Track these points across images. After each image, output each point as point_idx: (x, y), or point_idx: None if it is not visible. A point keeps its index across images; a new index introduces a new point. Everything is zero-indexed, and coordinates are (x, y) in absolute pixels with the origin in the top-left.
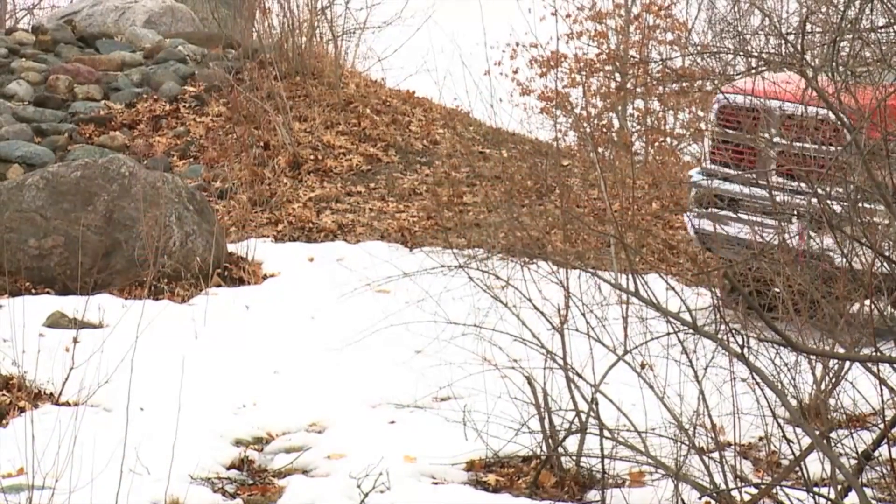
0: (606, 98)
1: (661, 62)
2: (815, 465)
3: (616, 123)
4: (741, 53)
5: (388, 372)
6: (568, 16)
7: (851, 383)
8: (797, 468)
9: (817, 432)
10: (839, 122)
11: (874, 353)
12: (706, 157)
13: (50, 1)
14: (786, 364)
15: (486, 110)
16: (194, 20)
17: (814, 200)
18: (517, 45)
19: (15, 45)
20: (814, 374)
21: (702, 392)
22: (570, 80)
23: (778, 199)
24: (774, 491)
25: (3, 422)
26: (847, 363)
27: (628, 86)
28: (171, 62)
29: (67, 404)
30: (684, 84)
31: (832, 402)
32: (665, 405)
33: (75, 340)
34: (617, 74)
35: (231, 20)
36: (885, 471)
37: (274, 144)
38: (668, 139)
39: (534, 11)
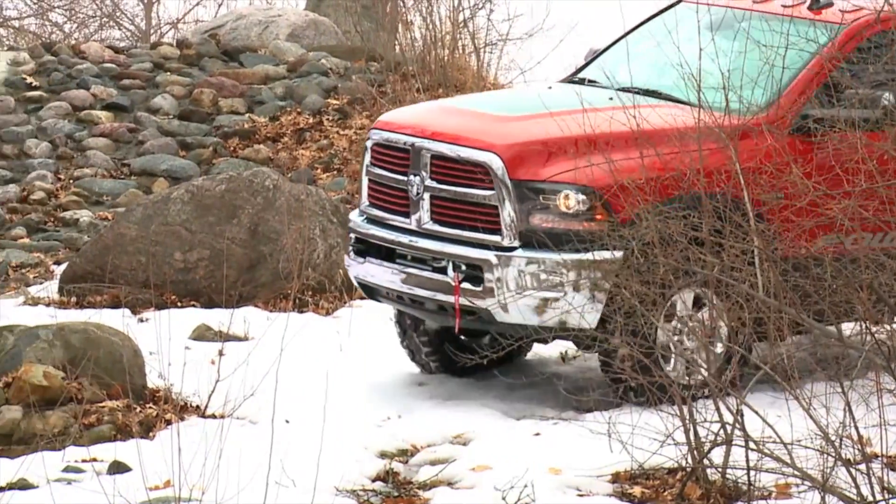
0: None
1: None
2: None
3: None
4: None
5: (532, 383)
6: None
7: None
8: None
9: None
10: None
11: None
12: (364, 198)
13: (194, 15)
14: None
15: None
16: (337, 33)
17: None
18: None
19: (160, 60)
20: None
21: (848, 404)
22: None
23: (433, 247)
24: None
25: (150, 434)
26: None
27: None
28: (314, 75)
29: (213, 417)
30: None
31: None
32: (811, 417)
33: (221, 353)
34: None
35: (373, 33)
36: None
37: None
38: None
39: None
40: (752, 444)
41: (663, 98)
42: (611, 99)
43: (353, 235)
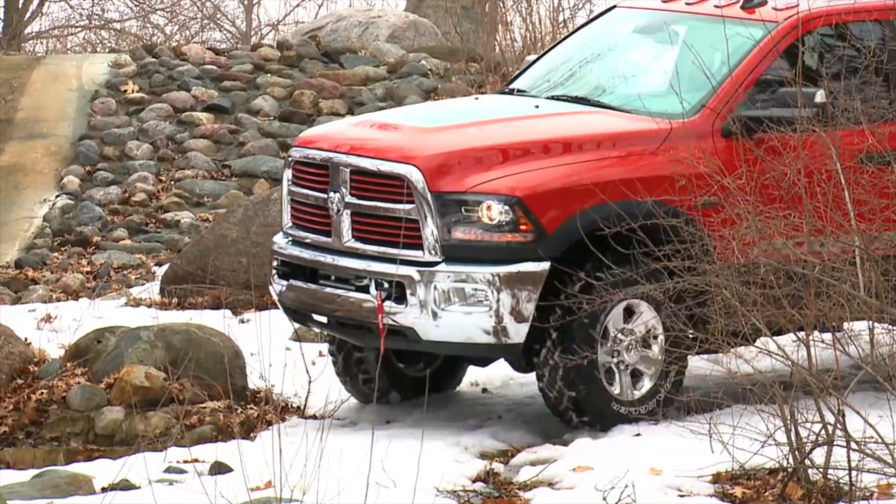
0: None
1: None
2: None
3: None
4: None
5: None
6: None
7: None
8: None
9: None
10: None
11: None
12: (287, 219)
13: (294, 17)
14: None
15: None
16: (437, 34)
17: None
18: None
19: (260, 61)
20: None
21: None
22: None
23: (355, 265)
24: None
25: (251, 435)
26: None
27: None
28: (413, 76)
29: (314, 417)
30: None
31: None
32: None
33: (321, 354)
34: None
35: (473, 34)
36: None
37: None
38: None
39: None
40: (853, 445)
41: (591, 104)
42: (537, 107)
43: (276, 259)
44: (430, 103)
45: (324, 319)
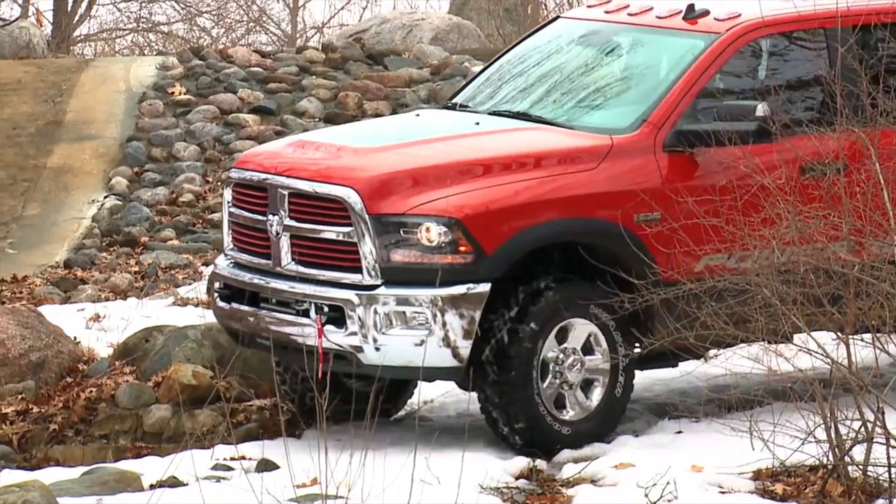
0: None
1: None
2: None
3: None
4: None
5: (674, 382)
6: None
7: None
8: None
9: None
10: None
11: None
12: (228, 242)
13: (339, 19)
14: None
15: None
16: (480, 37)
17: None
18: None
19: (306, 63)
20: None
21: None
22: None
23: (295, 289)
24: None
25: (297, 433)
26: None
27: None
28: (457, 78)
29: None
30: None
31: None
32: None
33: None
34: None
35: (516, 36)
36: None
37: None
38: None
39: None
40: (893, 442)
41: (532, 120)
42: (477, 124)
43: (217, 281)
44: (370, 121)
45: (267, 342)
